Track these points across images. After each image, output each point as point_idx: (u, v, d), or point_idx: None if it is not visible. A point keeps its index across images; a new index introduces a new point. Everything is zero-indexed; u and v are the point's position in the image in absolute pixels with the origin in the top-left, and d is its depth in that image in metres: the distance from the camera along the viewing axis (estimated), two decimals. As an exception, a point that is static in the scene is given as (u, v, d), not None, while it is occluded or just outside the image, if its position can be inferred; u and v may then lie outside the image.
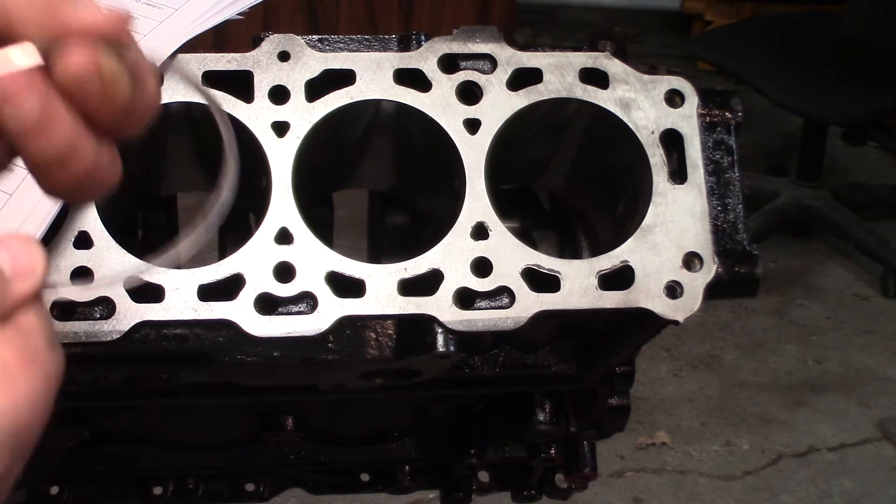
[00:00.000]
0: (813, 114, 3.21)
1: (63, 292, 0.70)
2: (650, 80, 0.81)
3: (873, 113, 3.14)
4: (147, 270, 0.71)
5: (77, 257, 0.72)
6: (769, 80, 3.10)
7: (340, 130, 0.80)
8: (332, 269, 0.75)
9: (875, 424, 2.73)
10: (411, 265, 0.76)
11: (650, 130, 0.80)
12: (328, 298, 0.74)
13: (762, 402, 2.79)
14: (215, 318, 0.73)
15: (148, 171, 0.88)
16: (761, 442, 2.67)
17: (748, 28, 3.56)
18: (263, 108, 0.77)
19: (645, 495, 2.51)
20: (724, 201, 0.81)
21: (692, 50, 3.73)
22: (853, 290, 3.25)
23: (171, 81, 0.76)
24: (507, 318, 0.75)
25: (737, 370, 2.90)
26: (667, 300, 0.77)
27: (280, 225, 0.75)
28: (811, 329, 3.07)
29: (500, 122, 0.79)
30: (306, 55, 0.78)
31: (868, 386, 2.87)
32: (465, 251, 0.76)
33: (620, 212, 0.84)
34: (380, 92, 0.78)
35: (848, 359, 2.97)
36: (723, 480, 2.56)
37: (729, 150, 0.82)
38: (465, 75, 0.79)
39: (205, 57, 0.77)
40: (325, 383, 0.89)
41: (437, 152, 0.80)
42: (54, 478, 1.04)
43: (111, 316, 0.72)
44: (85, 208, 0.73)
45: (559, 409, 1.01)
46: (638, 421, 2.63)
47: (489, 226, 0.77)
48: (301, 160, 0.76)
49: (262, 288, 0.73)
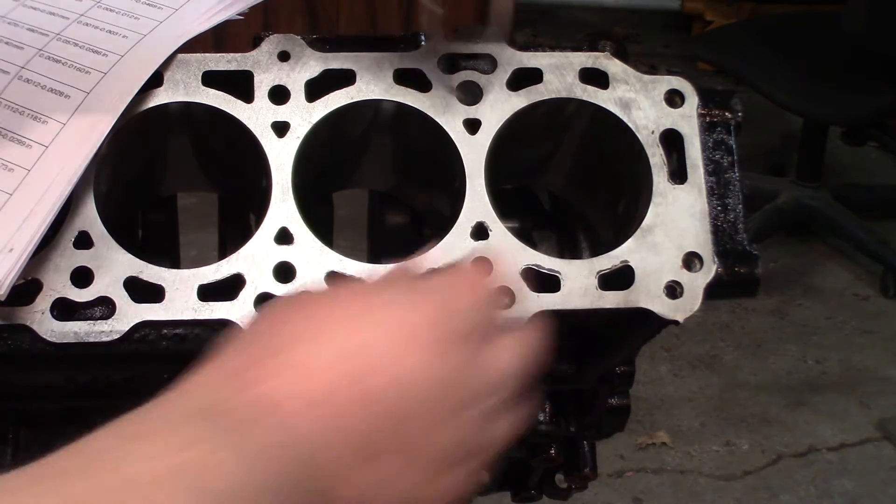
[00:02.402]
0: (813, 114, 3.21)
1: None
2: (650, 80, 0.81)
3: (873, 113, 3.13)
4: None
5: (77, 257, 0.72)
6: (769, 80, 3.09)
7: (340, 130, 0.80)
8: (332, 269, 0.75)
9: (875, 424, 2.73)
10: (411, 265, 0.76)
11: (650, 130, 0.80)
12: (328, 298, 0.74)
13: (762, 402, 2.79)
14: (215, 318, 0.73)
15: (148, 171, 0.88)
16: (761, 442, 2.67)
17: (748, 28, 3.56)
18: (263, 108, 0.77)
19: (645, 495, 2.51)
20: (724, 201, 0.81)
21: (692, 50, 3.73)
22: (853, 290, 3.25)
23: (171, 81, 0.76)
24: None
25: (737, 370, 2.90)
26: (667, 300, 0.77)
27: (280, 225, 0.75)
28: (811, 329, 3.07)
29: (500, 123, 0.79)
30: (306, 55, 0.78)
31: (868, 386, 2.86)
32: (464, 251, 0.76)
33: (620, 212, 0.84)
34: (380, 92, 0.78)
35: (848, 359, 2.96)
36: (723, 480, 2.56)
37: (729, 150, 0.82)
38: (465, 75, 0.79)
39: (205, 57, 0.77)
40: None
41: (437, 152, 0.80)
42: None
43: (111, 316, 0.72)
44: (85, 208, 0.73)
45: (559, 409, 1.01)
46: (638, 421, 2.63)
47: (489, 226, 0.77)
48: (301, 160, 0.76)
49: (262, 288, 0.74)
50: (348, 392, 0.51)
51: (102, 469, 0.46)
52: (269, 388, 0.51)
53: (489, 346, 0.58)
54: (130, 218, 0.88)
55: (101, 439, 0.48)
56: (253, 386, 0.51)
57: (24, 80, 0.74)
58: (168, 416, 0.50)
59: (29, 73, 0.74)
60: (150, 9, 0.79)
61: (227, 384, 0.51)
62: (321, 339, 0.53)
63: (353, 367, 0.51)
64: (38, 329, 0.71)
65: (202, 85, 0.76)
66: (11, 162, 0.70)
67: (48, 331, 0.71)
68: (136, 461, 0.46)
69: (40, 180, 0.69)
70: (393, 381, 0.52)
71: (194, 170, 0.88)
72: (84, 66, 0.74)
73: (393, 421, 0.52)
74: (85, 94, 0.72)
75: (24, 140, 0.71)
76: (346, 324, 0.54)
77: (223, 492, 0.46)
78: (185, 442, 0.48)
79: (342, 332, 0.53)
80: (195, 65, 0.77)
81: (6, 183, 0.69)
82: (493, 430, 0.58)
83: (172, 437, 0.48)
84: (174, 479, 0.46)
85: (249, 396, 0.50)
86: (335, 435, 0.50)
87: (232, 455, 0.47)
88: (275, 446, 0.49)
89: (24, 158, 0.70)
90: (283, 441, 0.49)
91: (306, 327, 0.54)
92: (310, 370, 0.51)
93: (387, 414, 0.52)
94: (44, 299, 0.72)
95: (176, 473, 0.46)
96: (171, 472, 0.46)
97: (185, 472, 0.46)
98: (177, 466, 0.46)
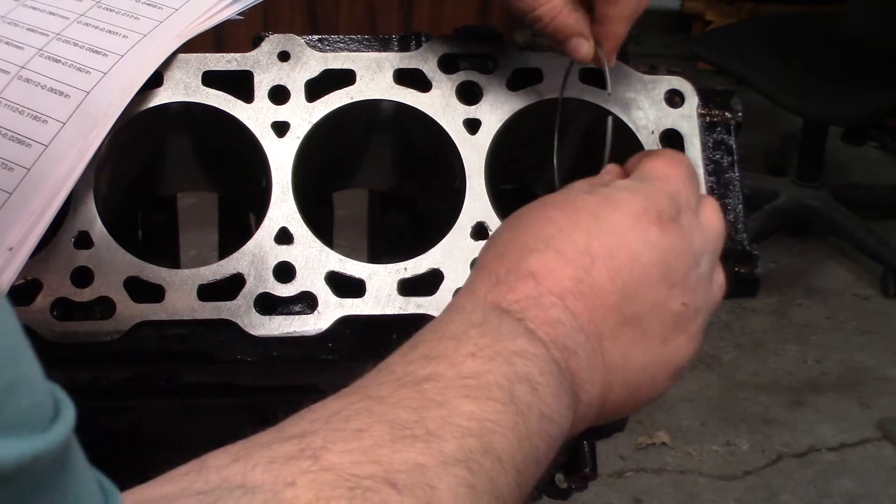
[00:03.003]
0: (813, 114, 3.21)
1: None
2: (650, 80, 0.81)
3: (873, 113, 3.13)
4: None
5: (77, 257, 0.72)
6: (769, 80, 3.09)
7: (340, 130, 0.80)
8: (332, 269, 0.75)
9: (875, 424, 2.73)
10: (411, 265, 0.76)
11: (650, 130, 0.80)
12: (328, 298, 0.74)
13: (762, 402, 2.79)
14: (215, 318, 0.73)
15: (148, 171, 0.88)
16: (761, 442, 2.67)
17: (748, 28, 3.56)
18: (263, 108, 0.77)
19: (645, 495, 2.51)
20: (724, 201, 0.81)
21: (692, 50, 3.73)
22: (853, 290, 3.25)
23: (171, 81, 0.76)
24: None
25: (737, 370, 2.90)
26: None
27: (280, 225, 0.75)
28: (811, 329, 3.07)
29: (500, 123, 0.79)
30: (306, 55, 0.78)
31: (868, 386, 2.86)
32: (465, 251, 0.76)
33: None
34: (380, 92, 0.78)
35: (848, 359, 2.96)
36: (723, 480, 2.56)
37: (729, 150, 0.82)
38: (466, 75, 0.79)
39: (205, 57, 0.77)
40: (325, 383, 0.89)
41: (437, 152, 0.80)
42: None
43: (111, 316, 0.72)
44: (85, 208, 0.73)
45: (559, 409, 1.00)
46: (638, 421, 2.63)
47: (489, 226, 0.77)
48: (301, 160, 0.76)
49: (262, 288, 0.74)
50: (600, 273, 0.62)
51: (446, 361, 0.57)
52: (542, 276, 0.62)
53: (697, 212, 0.68)
54: (130, 218, 0.88)
55: (411, 362, 0.58)
56: (528, 278, 0.62)
57: (24, 80, 0.74)
58: (469, 329, 0.59)
59: (29, 73, 0.74)
60: (150, 9, 0.79)
61: (507, 295, 0.62)
62: (572, 232, 0.64)
63: (601, 251, 0.63)
64: (38, 329, 0.71)
65: (202, 85, 0.76)
66: (11, 161, 0.70)
67: (48, 331, 0.71)
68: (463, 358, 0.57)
69: (40, 180, 0.69)
70: (632, 258, 0.63)
71: (194, 170, 0.88)
72: (84, 65, 0.74)
73: (639, 291, 0.63)
74: (85, 93, 0.72)
75: (24, 139, 0.71)
76: (586, 220, 0.64)
77: (532, 375, 0.57)
78: (493, 351, 0.57)
79: (584, 226, 0.64)
80: (195, 65, 0.77)
81: (6, 182, 0.69)
82: (713, 285, 0.69)
83: (482, 351, 0.57)
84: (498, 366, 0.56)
85: (528, 287, 0.61)
86: (598, 306, 0.62)
87: (533, 347, 0.59)
88: (557, 322, 0.61)
89: (24, 158, 0.70)
90: (561, 318, 0.61)
91: (555, 226, 0.64)
92: (570, 258, 0.63)
93: (633, 285, 0.63)
94: (44, 299, 0.72)
95: (497, 361, 0.57)
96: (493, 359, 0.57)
97: (503, 358, 0.57)
98: (497, 354, 0.57)
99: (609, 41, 0.75)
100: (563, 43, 0.75)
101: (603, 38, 0.75)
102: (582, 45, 0.75)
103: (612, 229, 0.63)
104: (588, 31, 0.75)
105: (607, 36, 0.75)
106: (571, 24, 0.74)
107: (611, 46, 0.75)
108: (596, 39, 0.75)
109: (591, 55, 0.75)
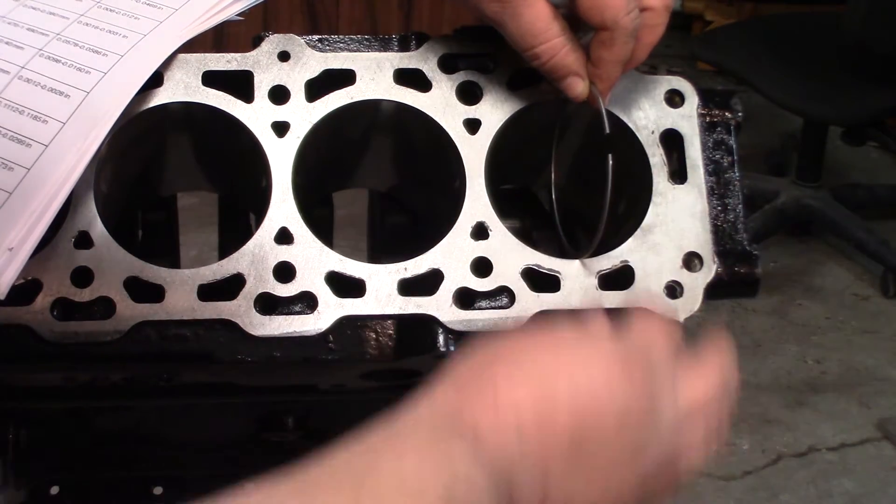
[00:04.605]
0: (813, 114, 3.21)
1: None
2: (650, 80, 0.81)
3: (873, 113, 3.13)
4: None
5: (77, 257, 0.72)
6: (769, 80, 3.09)
7: (340, 130, 0.80)
8: (332, 269, 0.75)
9: (875, 424, 2.73)
10: (411, 265, 0.76)
11: (650, 130, 0.80)
12: (328, 298, 0.74)
13: (762, 402, 2.78)
14: (215, 318, 0.73)
15: (148, 171, 0.88)
16: (761, 442, 2.67)
17: (748, 28, 3.56)
18: (263, 108, 0.77)
19: (645, 495, 2.51)
20: (724, 201, 0.81)
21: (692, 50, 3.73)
22: (853, 290, 3.25)
23: (171, 81, 0.76)
24: (508, 318, 0.75)
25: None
26: (667, 300, 0.77)
27: (280, 225, 0.75)
28: (811, 329, 3.07)
29: (499, 123, 0.79)
30: (306, 55, 0.78)
31: (868, 386, 2.86)
32: (465, 251, 0.76)
33: (620, 212, 0.84)
34: (380, 92, 0.78)
35: (848, 359, 2.96)
36: (723, 480, 2.56)
37: (729, 150, 0.82)
38: (465, 75, 0.79)
39: (205, 57, 0.77)
40: (325, 383, 0.89)
41: (437, 152, 0.80)
42: (54, 478, 1.04)
43: (111, 316, 0.72)
44: (85, 208, 0.73)
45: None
46: (638, 421, 2.62)
47: (489, 226, 0.77)
48: (301, 160, 0.76)
49: (262, 288, 0.74)
50: (566, 418, 0.60)
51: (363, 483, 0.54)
52: (506, 411, 0.59)
53: (680, 377, 0.66)
54: (130, 218, 0.88)
55: (354, 454, 0.56)
56: (489, 410, 0.59)
57: (24, 79, 0.73)
58: (418, 430, 0.59)
59: (29, 73, 0.74)
60: (150, 9, 0.79)
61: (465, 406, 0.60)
62: (544, 367, 0.62)
63: (570, 399, 0.61)
64: (38, 329, 0.71)
65: (202, 85, 0.76)
66: (11, 161, 0.70)
67: (48, 331, 0.71)
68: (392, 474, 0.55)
69: (40, 180, 0.69)
70: (602, 411, 0.61)
71: (194, 170, 0.88)
72: (84, 65, 0.74)
73: (600, 445, 0.61)
74: (85, 93, 0.72)
75: (24, 139, 0.71)
76: (565, 364, 0.62)
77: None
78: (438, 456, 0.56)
79: (564, 370, 0.62)
80: (195, 65, 0.77)
81: (6, 182, 0.69)
82: (689, 456, 0.66)
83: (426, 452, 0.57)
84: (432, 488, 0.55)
85: (489, 417, 0.59)
86: (554, 451, 0.60)
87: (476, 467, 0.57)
88: (509, 458, 0.59)
89: (24, 158, 0.70)
90: (512, 448, 0.59)
91: (530, 369, 0.62)
92: (535, 389, 0.60)
93: (595, 437, 0.61)
94: (44, 299, 0.72)
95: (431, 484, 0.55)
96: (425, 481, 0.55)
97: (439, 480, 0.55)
98: (432, 475, 0.55)
99: (603, 82, 0.77)
100: (559, 81, 0.76)
101: (597, 80, 0.76)
102: (577, 84, 0.76)
103: (586, 373, 0.62)
104: (584, 71, 0.76)
105: (601, 77, 0.76)
106: (569, 63, 0.76)
107: (605, 87, 0.77)
108: (591, 79, 0.77)
109: (586, 94, 0.77)
